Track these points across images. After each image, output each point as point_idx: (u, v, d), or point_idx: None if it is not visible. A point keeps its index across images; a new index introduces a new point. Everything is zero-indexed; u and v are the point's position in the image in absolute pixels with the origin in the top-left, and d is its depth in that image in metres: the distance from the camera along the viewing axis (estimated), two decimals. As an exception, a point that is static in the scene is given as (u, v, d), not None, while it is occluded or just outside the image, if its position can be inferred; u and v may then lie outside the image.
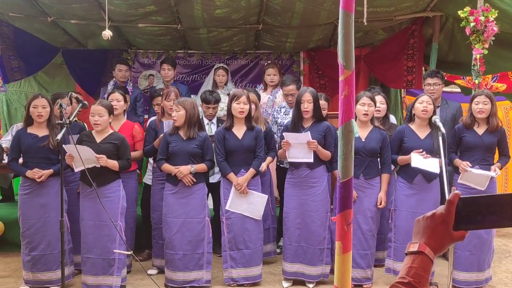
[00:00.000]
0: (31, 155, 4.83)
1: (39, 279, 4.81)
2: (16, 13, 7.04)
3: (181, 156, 4.85)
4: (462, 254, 4.80)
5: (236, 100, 4.92)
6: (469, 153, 4.90)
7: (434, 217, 1.21)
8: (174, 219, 4.85)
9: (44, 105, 4.79)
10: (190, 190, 4.87)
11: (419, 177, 4.84)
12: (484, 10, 5.27)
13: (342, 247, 2.64)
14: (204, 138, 4.94)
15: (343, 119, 2.62)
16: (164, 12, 6.76)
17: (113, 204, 4.74)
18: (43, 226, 4.77)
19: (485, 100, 4.81)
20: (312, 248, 4.88)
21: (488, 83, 6.99)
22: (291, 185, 4.99)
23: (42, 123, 4.84)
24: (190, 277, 4.86)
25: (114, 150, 4.78)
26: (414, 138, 4.89)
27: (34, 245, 4.79)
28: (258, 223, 5.01)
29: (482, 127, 4.89)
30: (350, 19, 2.52)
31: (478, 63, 5.36)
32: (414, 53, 7.29)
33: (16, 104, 8.49)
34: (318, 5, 6.34)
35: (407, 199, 4.88)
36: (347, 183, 2.64)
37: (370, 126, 4.96)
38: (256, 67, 8.47)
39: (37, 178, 4.73)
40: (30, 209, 4.79)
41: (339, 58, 2.56)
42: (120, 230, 4.72)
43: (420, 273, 1.17)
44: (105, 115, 4.77)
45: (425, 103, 4.85)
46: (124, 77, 7.05)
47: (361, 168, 4.84)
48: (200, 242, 4.88)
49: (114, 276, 4.73)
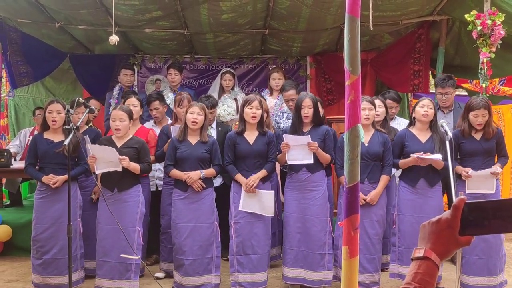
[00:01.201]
0: (47, 161, 4.87)
1: (49, 283, 4.83)
2: (24, 19, 7.09)
3: (191, 161, 4.86)
4: (470, 258, 4.77)
5: (249, 105, 4.91)
6: (469, 159, 4.87)
7: (440, 222, 1.20)
8: (184, 225, 4.85)
9: (58, 111, 4.82)
10: (200, 195, 4.88)
11: (422, 182, 4.83)
12: (491, 13, 5.25)
13: (349, 252, 2.63)
14: (212, 143, 4.95)
15: (349, 124, 2.62)
16: (171, 17, 6.78)
17: (132, 209, 4.80)
18: (57, 231, 4.80)
19: (484, 113, 4.78)
20: (312, 252, 4.86)
21: (495, 87, 6.98)
22: (290, 189, 4.99)
23: (58, 128, 4.88)
24: (199, 281, 4.86)
25: (135, 154, 4.84)
26: (415, 142, 4.88)
27: (47, 249, 4.81)
28: (267, 228, 5.00)
29: (479, 132, 4.87)
30: (356, 24, 2.52)
31: (485, 66, 5.34)
32: (421, 57, 7.27)
33: (24, 109, 8.55)
34: (324, 9, 6.34)
35: (410, 204, 4.87)
36: (354, 188, 2.63)
37: (372, 130, 4.95)
38: (263, 72, 8.47)
39: (52, 184, 4.77)
40: (45, 213, 4.83)
41: (345, 63, 2.56)
42: (138, 236, 4.76)
43: (426, 279, 1.16)
44: (125, 120, 4.84)
45: (426, 107, 4.84)
46: (129, 82, 7.08)
47: (365, 173, 4.82)
48: (210, 246, 4.89)
49: (132, 280, 4.78)
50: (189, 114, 4.88)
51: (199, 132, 4.92)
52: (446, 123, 4.69)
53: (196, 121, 4.86)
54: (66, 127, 4.25)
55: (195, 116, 4.86)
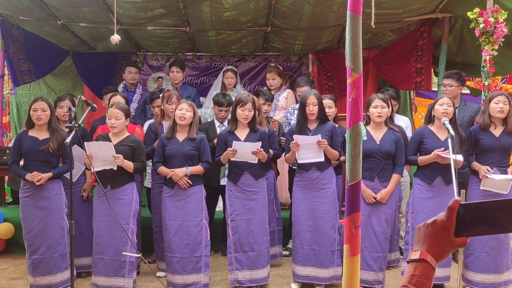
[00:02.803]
0: (31, 158, 4.82)
1: (39, 284, 4.76)
2: (26, 17, 7.10)
3: (177, 158, 4.84)
4: (479, 255, 4.75)
5: (242, 106, 4.89)
6: (485, 155, 4.82)
7: (435, 224, 1.20)
8: (171, 222, 4.84)
9: (43, 108, 4.78)
10: (186, 192, 4.85)
11: (439, 180, 4.77)
12: (494, 11, 5.23)
13: (350, 250, 2.63)
14: (200, 140, 4.91)
15: (351, 122, 2.62)
16: (173, 15, 6.78)
17: (126, 207, 4.77)
18: (43, 229, 4.75)
19: (505, 100, 4.74)
20: (324, 250, 4.85)
21: (498, 85, 6.96)
22: (300, 188, 4.97)
23: (43, 126, 4.84)
24: (188, 280, 4.83)
25: (130, 152, 4.81)
26: (434, 139, 4.83)
27: (35, 248, 4.76)
28: (263, 224, 4.99)
29: (499, 128, 4.81)
30: (358, 22, 2.51)
31: (487, 64, 5.32)
32: (423, 55, 7.26)
33: (25, 106, 8.54)
34: (326, 7, 6.33)
35: (426, 202, 4.81)
36: (355, 186, 2.63)
37: (384, 128, 4.92)
38: (265, 69, 8.44)
39: (36, 181, 4.72)
40: (31, 212, 4.77)
41: (347, 61, 2.56)
42: (132, 233, 4.75)
43: (422, 280, 1.17)
44: (121, 118, 4.82)
45: (445, 105, 4.77)
46: (133, 79, 7.09)
47: (376, 171, 4.80)
48: (198, 245, 4.85)
49: (126, 278, 4.75)
50: (178, 111, 4.87)
51: (187, 129, 4.90)
52: (448, 120, 4.67)
53: (184, 116, 4.83)
54: (67, 125, 4.23)
55: (183, 112, 4.84)
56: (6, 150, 6.42)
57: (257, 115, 5.13)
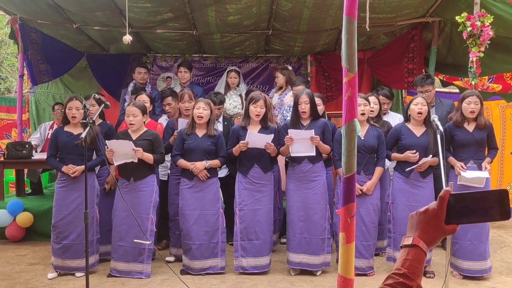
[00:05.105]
0: (67, 152, 4.90)
1: (68, 266, 4.90)
2: (43, 21, 7.11)
3: (197, 152, 4.90)
4: (463, 243, 4.79)
5: (254, 103, 4.93)
6: (462, 150, 4.89)
7: (427, 212, 1.21)
8: (190, 212, 4.88)
9: (77, 107, 4.85)
10: (205, 184, 4.91)
11: (415, 173, 4.85)
12: (481, 15, 5.23)
13: (345, 237, 2.65)
14: (218, 136, 5.00)
15: (346, 118, 2.63)
16: (181, 19, 6.78)
17: (147, 198, 4.85)
18: (75, 217, 4.83)
19: (476, 101, 4.80)
20: (315, 238, 4.89)
21: (485, 84, 6.92)
22: (292, 180, 5.00)
23: (77, 123, 4.91)
24: (206, 264, 4.91)
25: (149, 146, 4.89)
26: (411, 135, 4.90)
27: (66, 235, 4.86)
28: (269, 215, 5.02)
29: (472, 124, 4.88)
30: (353, 25, 2.52)
31: (474, 65, 5.32)
32: (415, 56, 7.26)
33: (44, 104, 8.59)
34: (324, 12, 6.33)
35: (404, 193, 4.89)
36: (351, 178, 2.64)
37: (367, 124, 4.98)
38: (266, 70, 8.50)
39: (71, 173, 4.80)
40: (65, 201, 4.86)
41: (343, 61, 2.57)
42: (151, 223, 4.81)
43: (414, 264, 1.18)
44: (139, 115, 4.90)
45: (420, 105, 4.87)
46: (143, 79, 7.10)
47: (362, 164, 4.85)
48: (215, 232, 4.93)
49: (144, 264, 4.86)
50: (195, 110, 4.93)
51: (205, 126, 4.96)
52: (437, 118, 4.68)
53: (201, 115, 4.90)
54: (83, 121, 4.27)
55: (201, 111, 4.91)
56: (25, 145, 6.45)
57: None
